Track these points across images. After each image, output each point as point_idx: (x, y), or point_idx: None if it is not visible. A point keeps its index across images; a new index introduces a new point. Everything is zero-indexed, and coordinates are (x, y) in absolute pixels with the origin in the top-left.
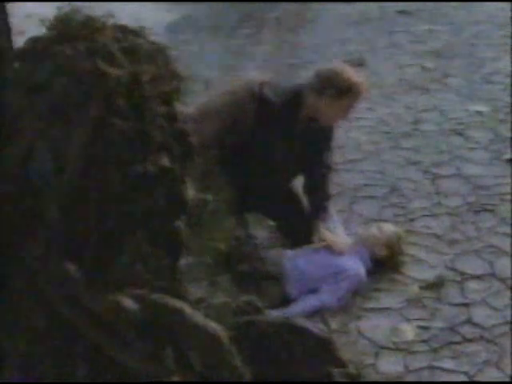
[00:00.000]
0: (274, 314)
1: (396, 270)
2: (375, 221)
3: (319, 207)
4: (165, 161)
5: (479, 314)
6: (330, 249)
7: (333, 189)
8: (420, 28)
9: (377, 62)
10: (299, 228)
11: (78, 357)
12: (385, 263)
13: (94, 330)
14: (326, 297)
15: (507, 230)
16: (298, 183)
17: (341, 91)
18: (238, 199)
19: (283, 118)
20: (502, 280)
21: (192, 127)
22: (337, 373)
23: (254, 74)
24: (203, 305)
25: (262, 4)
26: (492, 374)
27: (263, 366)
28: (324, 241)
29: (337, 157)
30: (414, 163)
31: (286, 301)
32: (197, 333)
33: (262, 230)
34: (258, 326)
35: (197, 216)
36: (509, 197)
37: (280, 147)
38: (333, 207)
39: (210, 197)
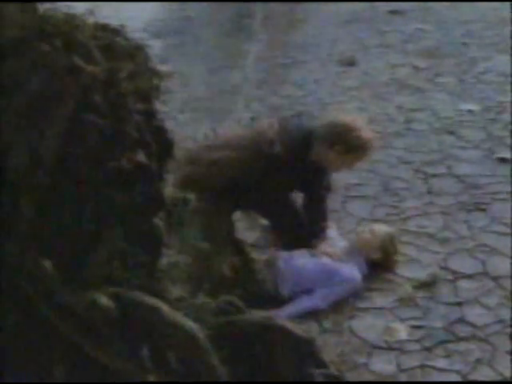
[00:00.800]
0: (267, 314)
1: (391, 271)
2: (367, 220)
3: (318, 228)
4: (141, 157)
5: (472, 313)
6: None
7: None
8: (411, 27)
9: (368, 61)
10: (297, 232)
11: (56, 355)
12: (380, 265)
13: (70, 328)
14: (319, 300)
15: (499, 228)
16: None
17: (350, 148)
18: (234, 198)
19: (292, 169)
20: (495, 279)
21: (197, 171)
22: (318, 374)
23: (264, 124)
24: (183, 304)
25: (253, 4)
26: (485, 373)
27: (242, 365)
28: (322, 252)
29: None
30: (406, 162)
31: (279, 301)
32: (174, 331)
33: (255, 230)
34: (238, 325)
35: (177, 214)
36: (501, 195)
37: (284, 189)
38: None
39: (190, 196)
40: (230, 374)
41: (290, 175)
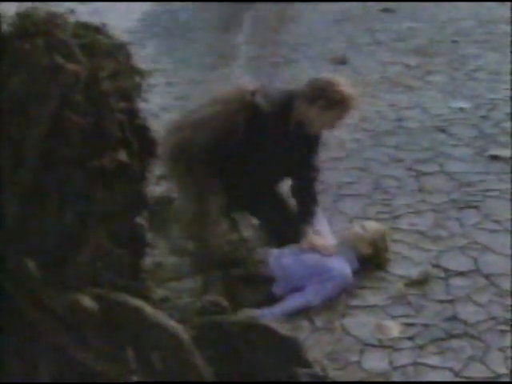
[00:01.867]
0: (260, 313)
1: (382, 268)
2: (359, 218)
3: (307, 212)
4: (123, 156)
5: (464, 311)
6: (316, 250)
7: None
8: (402, 26)
9: (359, 59)
10: (285, 228)
11: (41, 356)
12: (371, 261)
13: (54, 329)
14: (311, 296)
15: (491, 226)
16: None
17: (331, 103)
18: (226, 198)
19: (274, 124)
20: (486, 276)
21: (183, 136)
22: (303, 373)
23: (245, 80)
24: (168, 304)
25: (243, 3)
26: (477, 370)
27: (227, 365)
28: (311, 244)
29: (320, 155)
30: (398, 160)
31: (271, 299)
32: (157, 332)
33: (247, 229)
34: (222, 325)
35: (160, 214)
36: (492, 193)
37: (269, 152)
38: (319, 208)
39: (174, 195)
40: (214, 373)
41: (273, 135)
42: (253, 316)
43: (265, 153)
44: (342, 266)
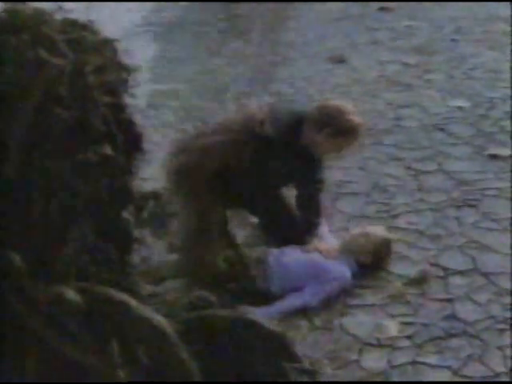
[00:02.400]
0: (257, 312)
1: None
2: (358, 217)
3: (311, 224)
4: (107, 150)
5: (462, 309)
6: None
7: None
8: (400, 24)
9: (357, 58)
10: (285, 228)
11: (27, 349)
12: (371, 268)
13: (39, 322)
14: (309, 297)
15: (490, 225)
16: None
17: (339, 131)
18: (224, 196)
19: (282, 151)
20: (485, 275)
21: (190, 159)
22: (291, 368)
23: (253, 107)
24: (156, 300)
25: (241, 3)
26: (476, 369)
27: (213, 360)
28: (315, 249)
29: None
30: (396, 159)
31: (269, 299)
32: (142, 326)
33: (244, 228)
34: (209, 320)
35: (148, 209)
36: (491, 192)
37: (276, 175)
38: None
39: (163, 190)
40: (200, 368)
41: (281, 161)
42: (240, 310)
43: (272, 177)
44: (342, 268)
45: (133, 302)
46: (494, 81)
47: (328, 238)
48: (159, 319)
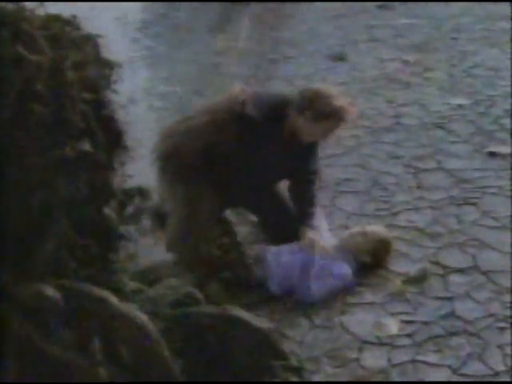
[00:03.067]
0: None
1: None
2: (357, 215)
3: (305, 214)
4: (86, 146)
5: (462, 308)
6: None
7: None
8: (400, 22)
9: (357, 56)
10: (283, 225)
11: (8, 347)
12: (369, 266)
13: (19, 319)
14: (308, 294)
15: (490, 222)
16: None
17: (319, 115)
18: (222, 194)
19: (265, 133)
20: (485, 273)
21: (173, 142)
22: (278, 365)
23: (236, 88)
24: (140, 296)
25: (242, 2)
26: (476, 367)
27: (197, 357)
28: (310, 244)
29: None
30: (396, 157)
31: (268, 296)
32: (124, 323)
33: (243, 226)
34: (193, 317)
35: (135, 206)
36: (491, 190)
37: (263, 159)
38: (318, 207)
39: (150, 188)
40: (183, 365)
41: (266, 144)
42: (225, 307)
43: (258, 160)
44: (343, 265)
45: (113, 299)
46: (493, 79)
47: (325, 236)
48: (141, 316)
